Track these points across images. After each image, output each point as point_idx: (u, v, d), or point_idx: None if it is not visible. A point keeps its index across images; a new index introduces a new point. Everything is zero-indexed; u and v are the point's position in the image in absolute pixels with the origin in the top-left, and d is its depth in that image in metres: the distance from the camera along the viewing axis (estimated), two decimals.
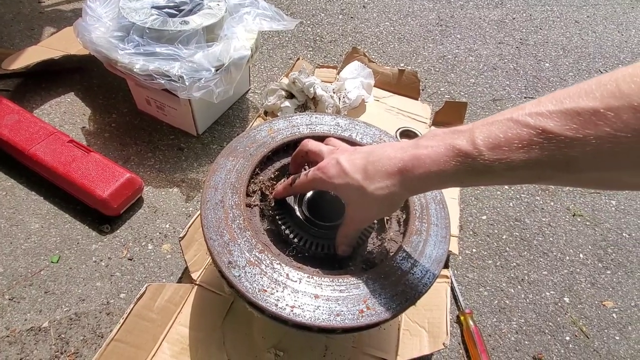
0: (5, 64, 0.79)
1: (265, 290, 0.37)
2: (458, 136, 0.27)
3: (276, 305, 0.36)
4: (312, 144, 0.41)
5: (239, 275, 0.37)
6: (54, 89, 0.83)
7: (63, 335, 0.51)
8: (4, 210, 0.63)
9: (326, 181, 0.36)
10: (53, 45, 0.84)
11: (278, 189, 0.44)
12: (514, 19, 1.30)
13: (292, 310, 0.36)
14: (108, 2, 0.70)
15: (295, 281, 0.38)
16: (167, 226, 0.64)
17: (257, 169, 0.48)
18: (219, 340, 0.51)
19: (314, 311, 0.36)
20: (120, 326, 0.46)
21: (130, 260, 0.59)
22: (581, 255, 0.70)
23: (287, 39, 1.06)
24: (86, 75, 0.87)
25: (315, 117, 0.55)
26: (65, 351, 0.50)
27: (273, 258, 0.39)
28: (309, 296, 0.37)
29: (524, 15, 1.34)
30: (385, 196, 0.32)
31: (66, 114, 0.79)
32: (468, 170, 0.27)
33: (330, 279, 0.38)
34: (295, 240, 0.43)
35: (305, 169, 0.47)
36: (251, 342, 0.52)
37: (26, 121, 0.67)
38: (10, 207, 0.63)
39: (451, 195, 0.70)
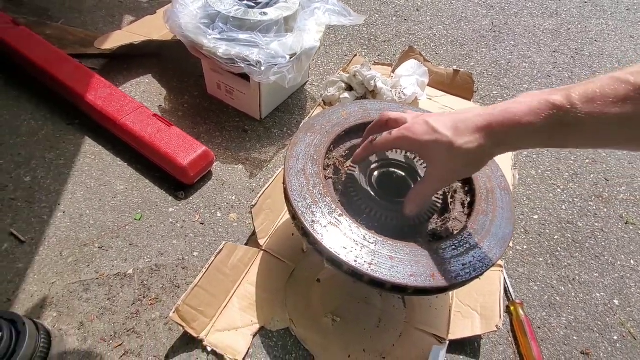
0: (98, 44, 0.88)
1: (345, 248, 0.41)
2: (554, 93, 0.29)
3: (355, 261, 0.40)
4: (393, 113, 0.41)
5: (322, 233, 0.42)
6: (135, 70, 0.91)
7: (145, 282, 0.58)
8: (93, 172, 0.71)
9: (413, 139, 0.36)
10: (136, 31, 0.93)
11: (358, 151, 0.45)
12: (568, 29, 1.29)
13: (369, 267, 0.39)
14: None
15: (372, 243, 0.42)
16: (234, 198, 0.70)
17: (332, 146, 0.52)
18: (282, 301, 0.56)
19: (389, 269, 0.39)
20: (203, 275, 0.51)
21: (202, 224, 0.65)
22: (632, 262, 0.69)
23: (343, 36, 1.11)
24: (162, 60, 0.95)
25: (385, 104, 0.59)
26: (147, 296, 0.56)
27: (351, 221, 0.43)
28: (384, 257, 0.40)
29: (579, 26, 1.32)
30: (474, 150, 0.33)
31: (145, 93, 0.87)
32: (559, 123, 0.28)
33: (404, 245, 0.42)
34: (367, 210, 0.46)
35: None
36: (311, 306, 0.56)
37: (116, 95, 0.75)
38: (99, 169, 0.71)
39: None
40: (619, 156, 0.88)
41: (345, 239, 0.41)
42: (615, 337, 0.59)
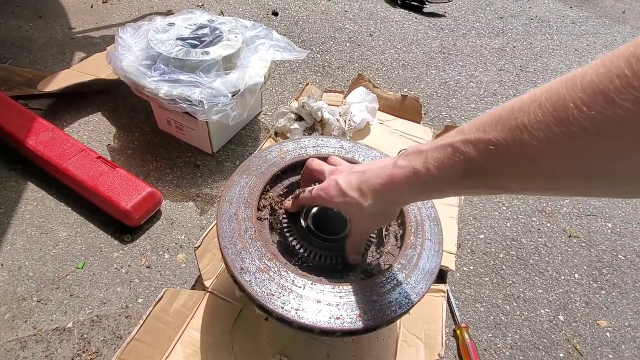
0: (41, 86, 0.87)
1: (273, 295, 0.41)
2: (418, 159, 0.32)
3: (282, 307, 0.40)
4: (315, 164, 0.46)
5: (250, 280, 0.42)
6: (83, 109, 0.90)
7: (85, 336, 0.56)
8: (34, 219, 0.69)
9: (328, 200, 0.41)
10: (84, 69, 0.93)
11: (287, 203, 0.49)
12: (514, 47, 1.37)
13: (296, 313, 0.40)
14: (137, 33, 0.78)
15: (300, 287, 0.42)
16: (183, 237, 0.69)
17: (267, 186, 0.53)
18: (228, 345, 0.55)
19: (316, 314, 0.40)
20: (140, 327, 0.50)
21: (148, 268, 0.64)
22: (576, 275, 0.72)
23: (297, 64, 1.14)
24: (112, 96, 0.94)
25: (321, 140, 0.60)
26: (86, 350, 0.54)
27: (280, 266, 0.43)
28: (311, 301, 0.41)
29: (524, 43, 1.40)
30: (378, 210, 0.37)
31: (94, 132, 0.85)
32: (427, 187, 0.32)
33: (332, 286, 0.42)
34: (301, 251, 0.47)
35: (315, 185, 0.51)
36: (258, 347, 0.55)
37: (59, 138, 0.74)
38: (41, 216, 0.69)
39: (449, 214, 0.74)
40: None
41: (273, 285, 0.42)
42: (562, 354, 0.61)
